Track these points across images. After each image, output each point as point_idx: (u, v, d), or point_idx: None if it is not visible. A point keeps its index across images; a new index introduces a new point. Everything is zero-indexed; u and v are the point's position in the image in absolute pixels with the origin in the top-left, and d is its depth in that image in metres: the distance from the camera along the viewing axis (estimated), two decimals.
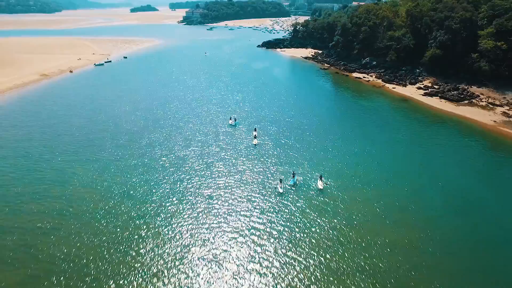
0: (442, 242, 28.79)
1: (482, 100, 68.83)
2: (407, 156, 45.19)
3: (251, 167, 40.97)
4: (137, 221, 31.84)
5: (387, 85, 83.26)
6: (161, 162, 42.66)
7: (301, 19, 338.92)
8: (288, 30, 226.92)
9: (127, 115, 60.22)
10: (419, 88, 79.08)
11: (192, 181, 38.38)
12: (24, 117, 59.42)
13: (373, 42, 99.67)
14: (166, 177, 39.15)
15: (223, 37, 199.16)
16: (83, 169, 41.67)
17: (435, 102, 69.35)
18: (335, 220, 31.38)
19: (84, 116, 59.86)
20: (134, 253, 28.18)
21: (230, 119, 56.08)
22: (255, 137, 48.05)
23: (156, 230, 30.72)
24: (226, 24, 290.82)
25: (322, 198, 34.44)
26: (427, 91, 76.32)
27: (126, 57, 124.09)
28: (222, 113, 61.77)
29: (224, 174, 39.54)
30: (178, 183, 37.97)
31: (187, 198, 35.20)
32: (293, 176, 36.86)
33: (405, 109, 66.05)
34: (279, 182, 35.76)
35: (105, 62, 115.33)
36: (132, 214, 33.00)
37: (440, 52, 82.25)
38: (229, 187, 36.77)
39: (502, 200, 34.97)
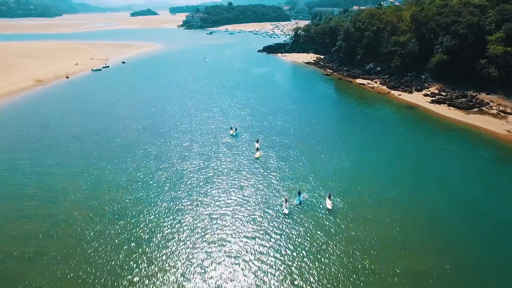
0: (467, 272, 26.02)
1: (493, 108, 66.29)
2: (418, 170, 42.46)
3: (253, 183, 38.22)
4: (130, 246, 29.07)
5: (393, 91, 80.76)
6: (156, 177, 39.91)
7: (302, 23, 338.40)
8: (289, 35, 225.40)
9: (123, 124, 57.56)
10: (425, 95, 76.57)
11: (190, 199, 35.63)
12: (14, 126, 56.76)
13: (377, 47, 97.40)
14: (162, 195, 36.40)
15: (223, 41, 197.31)
16: (74, 184, 38.94)
17: (443, 110, 66.79)
18: (347, 245, 28.61)
19: (78, 125, 57.20)
20: (126, 283, 25.41)
21: (231, 129, 53.43)
22: (257, 149, 45.34)
23: (150, 255, 27.96)
24: (226, 29, 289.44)
25: (331, 219, 31.67)
26: (434, 98, 73.81)
27: (124, 62, 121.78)
28: (222, 121, 59.14)
29: (224, 191, 36.79)
30: (175, 201, 35.20)
31: (184, 218, 32.43)
32: (299, 194, 34.16)
33: (413, 118, 63.46)
34: (284, 201, 33.01)
35: (103, 67, 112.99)
36: (124, 237, 30.23)
37: (447, 58, 79.94)
38: (230, 206, 34.01)
39: None
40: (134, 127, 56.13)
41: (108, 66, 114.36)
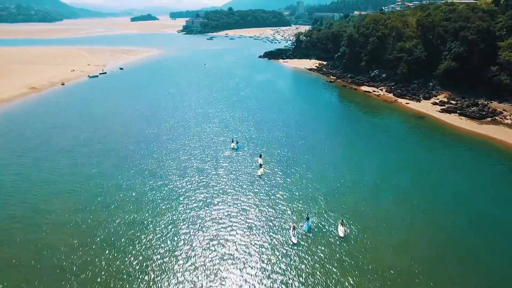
0: None
1: (507, 117, 63.19)
2: (434, 187, 39.19)
3: (257, 205, 34.89)
4: (120, 279, 25.71)
5: (400, 100, 77.72)
6: (151, 197, 36.60)
7: (302, 28, 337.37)
8: (290, 40, 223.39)
9: (117, 137, 54.32)
10: (434, 103, 73.50)
11: (187, 223, 32.30)
12: (1, 138, 53.50)
13: (382, 53, 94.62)
14: (157, 218, 33.07)
15: (223, 46, 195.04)
16: (61, 205, 35.64)
17: (454, 120, 63.69)
18: (364, 279, 25.27)
19: (70, 137, 53.95)
20: None
21: (232, 141, 50.18)
22: (260, 165, 42.02)
23: None
24: (226, 34, 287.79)
25: (345, 248, 28.33)
26: (444, 107, 70.75)
27: (122, 68, 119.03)
28: (222, 133, 55.93)
29: (225, 214, 33.44)
30: (171, 226, 31.88)
31: (180, 247, 29.08)
32: (307, 220, 30.84)
33: (423, 128, 60.36)
34: (291, 229, 29.65)
35: (100, 73, 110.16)
36: (113, 269, 26.86)
37: (456, 65, 77.05)
38: (231, 233, 30.66)
39: None
40: (129, 140, 52.88)
41: (105, 73, 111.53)
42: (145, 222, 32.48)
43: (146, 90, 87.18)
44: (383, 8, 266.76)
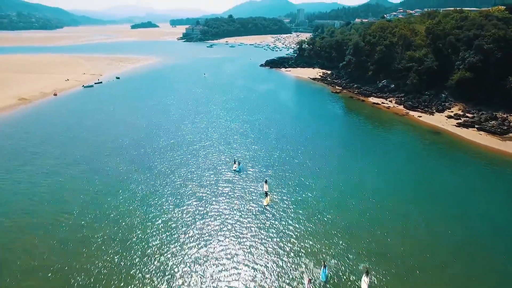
0: None
1: None
2: (465, 217, 34.28)
3: (264, 244, 29.86)
4: None
5: (411, 112, 73.04)
6: (140, 235, 31.56)
7: (303, 35, 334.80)
8: (291, 48, 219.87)
9: (106, 155, 49.43)
10: (449, 117, 68.80)
11: (182, 266, 27.25)
12: None
13: (390, 62, 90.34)
14: (146, 260, 28.03)
15: (223, 55, 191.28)
16: (38, 240, 30.84)
17: (474, 135, 58.93)
18: None
19: (55, 156, 49.09)
20: None
21: (234, 162, 45.27)
22: (266, 194, 36.99)
23: None
24: (226, 41, 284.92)
25: None
26: (460, 120, 66.08)
27: (118, 78, 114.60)
28: (222, 151, 51.03)
29: (226, 258, 28.38)
30: (162, 271, 26.80)
31: None
32: (324, 266, 25.82)
33: (440, 145, 55.48)
34: (307, 283, 24.55)
35: (95, 83, 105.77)
36: None
37: (470, 75, 72.67)
38: (234, 282, 25.57)
39: None
40: (120, 159, 48.01)
41: (100, 82, 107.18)
42: (132, 266, 27.44)
43: (142, 101, 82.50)
44: (385, 15, 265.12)
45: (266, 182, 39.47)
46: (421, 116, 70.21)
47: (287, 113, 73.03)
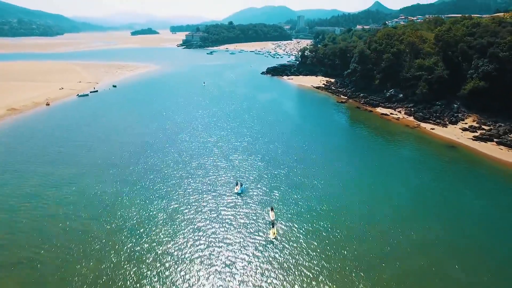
0: None
1: None
2: (497, 248, 29.76)
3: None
4: None
5: (423, 124, 68.88)
6: (127, 271, 27.01)
7: (303, 42, 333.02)
8: (292, 54, 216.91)
9: (96, 174, 45.09)
10: (464, 129, 64.57)
11: None
12: None
13: (398, 71, 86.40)
14: None
15: (223, 62, 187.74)
16: (9, 281, 26.24)
17: (493, 150, 54.62)
18: None
19: (40, 175, 44.75)
20: None
21: (236, 184, 40.85)
22: (272, 224, 32.50)
23: None
24: (226, 48, 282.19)
25: None
26: (476, 133, 61.84)
27: (115, 86, 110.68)
28: (223, 170, 46.62)
29: None
30: None
31: None
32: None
33: (458, 162, 51.09)
34: None
35: (91, 92, 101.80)
36: None
37: (484, 84, 68.69)
38: None
39: None
40: (109, 179, 43.60)
41: (96, 91, 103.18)
42: None
43: (137, 112, 78.28)
44: (387, 22, 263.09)
45: (272, 209, 34.99)
46: (433, 129, 65.97)
47: (291, 125, 68.65)
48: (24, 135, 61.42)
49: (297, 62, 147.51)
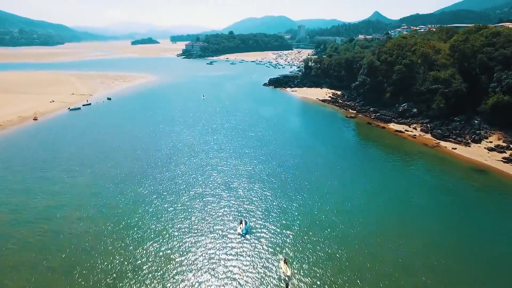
0: None
1: None
2: None
3: None
4: None
5: (443, 143, 62.82)
6: None
7: (304, 52, 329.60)
8: (294, 65, 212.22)
9: (75, 209, 38.73)
10: (490, 149, 58.44)
11: None
12: None
13: (411, 84, 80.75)
14: None
15: (224, 72, 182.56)
16: None
17: None
18: None
19: (13, 206, 38.51)
20: None
21: (241, 222, 34.44)
22: (286, 285, 25.96)
23: None
24: (227, 58, 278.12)
25: None
26: (505, 154, 55.74)
27: (110, 99, 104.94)
28: (223, 203, 40.22)
29: None
30: None
31: None
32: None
33: (492, 189, 44.78)
34: None
35: (83, 105, 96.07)
36: None
37: (509, 98, 62.91)
38: None
39: None
40: (90, 215, 37.24)
41: (89, 104, 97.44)
42: None
43: (131, 128, 72.14)
44: (389, 32, 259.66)
45: (285, 261, 28.42)
46: (455, 148, 59.81)
47: (299, 145, 62.05)
48: (3, 156, 55.14)
49: (300, 73, 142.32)
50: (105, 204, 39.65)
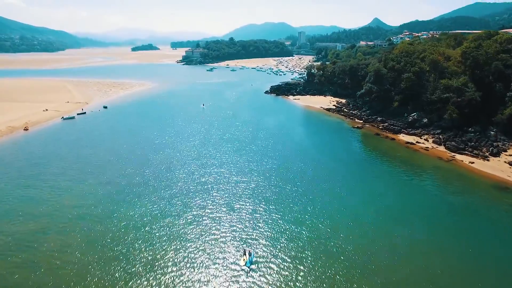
0: None
1: None
2: None
3: None
4: None
5: (458, 156, 58.75)
6: None
7: (305, 58, 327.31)
8: (295, 71, 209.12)
9: (58, 233, 34.55)
10: (511, 163, 54.34)
11: None
12: None
13: (420, 92, 77.02)
14: None
15: (224, 79, 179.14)
16: None
17: None
18: None
19: None
20: None
21: (244, 253, 30.24)
22: None
23: None
24: (227, 64, 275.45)
25: None
26: None
27: (106, 107, 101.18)
28: (225, 228, 36.02)
29: None
30: None
31: None
32: None
33: None
34: None
35: (78, 113, 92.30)
36: None
37: None
38: None
39: None
40: (75, 242, 33.02)
41: (84, 113, 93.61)
42: None
43: (125, 141, 67.94)
44: (391, 38, 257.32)
45: None
46: (473, 162, 55.72)
47: (305, 159, 57.67)
48: None
49: (303, 80, 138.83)
50: (91, 229, 35.49)
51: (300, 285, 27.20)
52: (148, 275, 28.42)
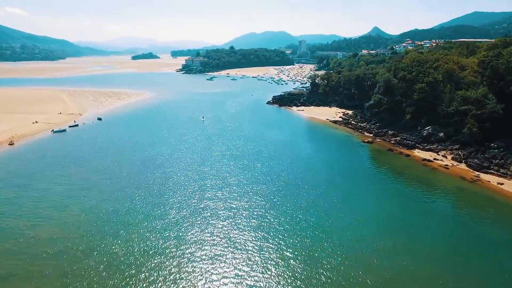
0: None
1: None
2: None
3: None
4: None
5: (483, 175, 53.15)
6: None
7: (306, 67, 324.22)
8: (297, 80, 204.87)
9: (28, 270, 28.77)
10: None
11: None
12: None
13: (434, 104, 71.81)
14: None
15: (224, 89, 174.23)
16: None
17: None
18: None
19: None
20: None
21: None
22: None
23: None
24: (227, 73, 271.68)
25: None
26: None
27: (100, 119, 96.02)
28: (226, 269, 30.26)
29: None
30: None
31: None
32: None
33: None
34: None
35: (70, 126, 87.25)
36: None
37: None
38: None
39: None
40: (52, 281, 27.30)
41: (76, 125, 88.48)
42: None
43: (118, 158, 62.38)
44: (394, 47, 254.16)
45: None
46: (502, 184, 50.05)
47: (315, 180, 51.67)
48: None
49: (305, 90, 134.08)
50: (69, 271, 29.73)
51: None
52: None
